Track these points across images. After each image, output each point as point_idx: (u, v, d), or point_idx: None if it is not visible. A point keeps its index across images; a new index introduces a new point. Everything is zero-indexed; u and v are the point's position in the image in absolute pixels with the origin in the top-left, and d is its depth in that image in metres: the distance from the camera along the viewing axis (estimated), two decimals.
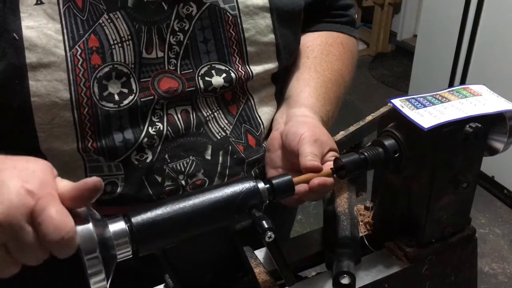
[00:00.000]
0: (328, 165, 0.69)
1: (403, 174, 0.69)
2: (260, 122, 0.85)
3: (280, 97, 0.89)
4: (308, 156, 0.68)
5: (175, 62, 0.76)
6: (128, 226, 0.54)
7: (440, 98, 0.68)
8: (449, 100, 0.68)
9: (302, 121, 0.78)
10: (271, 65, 0.83)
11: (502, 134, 0.69)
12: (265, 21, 0.81)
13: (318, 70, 0.89)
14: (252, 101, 0.84)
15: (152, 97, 0.74)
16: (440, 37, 2.94)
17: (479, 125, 0.65)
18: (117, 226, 0.54)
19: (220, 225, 0.60)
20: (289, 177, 0.63)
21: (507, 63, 2.50)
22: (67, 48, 0.68)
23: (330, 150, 0.72)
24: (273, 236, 0.57)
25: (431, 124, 0.62)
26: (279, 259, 0.62)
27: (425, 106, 0.66)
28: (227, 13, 0.78)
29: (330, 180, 0.67)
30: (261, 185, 0.61)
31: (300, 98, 0.85)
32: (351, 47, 0.98)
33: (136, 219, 0.55)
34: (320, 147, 0.71)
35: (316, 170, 0.67)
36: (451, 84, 2.87)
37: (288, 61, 0.87)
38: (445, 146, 0.65)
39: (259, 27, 0.80)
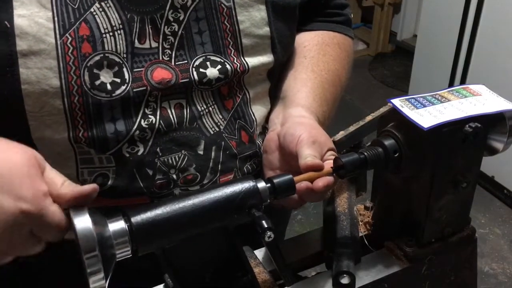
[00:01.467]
0: (328, 165, 0.69)
1: (402, 174, 0.69)
2: (254, 119, 0.85)
3: (273, 95, 0.89)
4: (308, 157, 0.68)
5: (170, 52, 0.76)
6: (127, 225, 0.54)
7: (440, 98, 0.68)
8: (448, 100, 0.68)
9: (299, 122, 0.78)
10: (266, 59, 0.83)
11: (502, 134, 0.69)
12: (260, 13, 0.81)
13: (315, 71, 0.89)
14: (248, 97, 0.84)
15: (144, 88, 0.73)
16: (440, 37, 2.94)
17: (479, 125, 0.65)
18: (117, 225, 0.54)
19: (219, 225, 0.60)
20: (290, 176, 0.63)
21: (507, 63, 2.49)
22: (58, 36, 0.68)
23: (329, 150, 0.72)
24: (272, 236, 0.57)
25: (430, 124, 0.62)
26: (278, 259, 0.62)
27: (424, 106, 0.66)
28: (222, 4, 0.78)
29: (332, 179, 0.67)
30: (262, 184, 0.61)
31: (296, 98, 0.85)
32: (347, 47, 0.99)
33: (136, 218, 0.55)
34: (318, 148, 0.71)
35: (318, 168, 0.67)
36: (451, 84, 2.87)
37: (283, 56, 0.87)
38: (445, 146, 0.65)
39: (254, 20, 0.80)
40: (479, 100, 0.68)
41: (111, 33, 0.71)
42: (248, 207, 0.59)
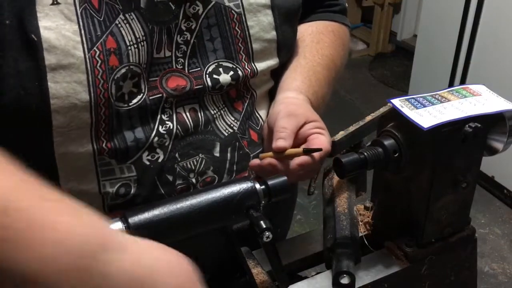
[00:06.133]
0: (308, 136, 0.75)
1: (402, 174, 0.69)
2: (258, 117, 0.87)
3: (273, 92, 0.90)
4: (278, 131, 0.73)
5: (183, 61, 0.77)
6: (125, 226, 0.54)
7: (439, 98, 0.68)
8: (448, 100, 0.68)
9: (280, 102, 0.82)
10: (272, 62, 0.85)
11: (502, 134, 0.69)
12: (267, 18, 0.82)
13: (307, 56, 0.91)
14: (255, 97, 0.86)
15: (160, 95, 0.75)
16: (440, 37, 2.94)
17: (479, 125, 0.64)
18: (114, 226, 0.54)
19: (217, 226, 0.60)
20: (284, 178, 0.63)
21: (507, 63, 2.49)
22: (86, 49, 0.67)
23: (307, 122, 0.75)
24: (271, 236, 0.57)
25: (430, 124, 0.62)
26: (274, 260, 0.61)
27: (424, 106, 0.66)
28: (232, 11, 0.79)
29: (305, 159, 0.72)
30: (257, 186, 0.61)
31: (284, 84, 0.87)
32: (342, 35, 1.00)
33: (133, 219, 0.55)
34: (294, 119, 0.74)
35: (278, 151, 0.72)
36: (451, 84, 2.86)
37: (287, 57, 0.89)
38: (445, 146, 0.65)
39: (262, 24, 0.82)
40: (479, 100, 0.68)
41: (135, 45, 0.71)
42: (246, 208, 0.59)
